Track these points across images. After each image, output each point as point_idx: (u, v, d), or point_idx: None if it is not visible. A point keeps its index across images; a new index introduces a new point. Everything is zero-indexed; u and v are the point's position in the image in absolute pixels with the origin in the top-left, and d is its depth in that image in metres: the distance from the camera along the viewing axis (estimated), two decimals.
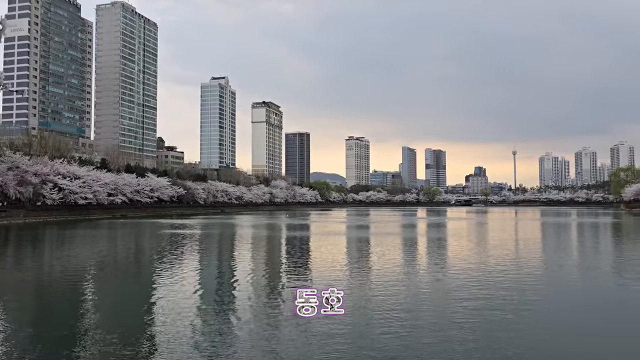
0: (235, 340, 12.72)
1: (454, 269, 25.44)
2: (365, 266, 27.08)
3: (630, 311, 16.65)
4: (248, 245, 41.42)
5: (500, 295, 18.19)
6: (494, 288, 19.63)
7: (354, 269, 26.07)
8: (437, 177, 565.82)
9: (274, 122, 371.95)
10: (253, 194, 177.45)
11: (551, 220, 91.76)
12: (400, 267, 26.48)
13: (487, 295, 18.12)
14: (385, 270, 24.97)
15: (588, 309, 16.94)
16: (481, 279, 21.78)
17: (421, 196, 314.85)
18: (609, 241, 47.46)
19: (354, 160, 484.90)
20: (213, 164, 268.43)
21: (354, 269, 25.81)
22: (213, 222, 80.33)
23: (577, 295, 19.57)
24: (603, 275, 24.11)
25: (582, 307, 17.29)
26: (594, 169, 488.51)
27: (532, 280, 22.05)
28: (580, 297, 19.07)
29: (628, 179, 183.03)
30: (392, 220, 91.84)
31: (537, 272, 24.74)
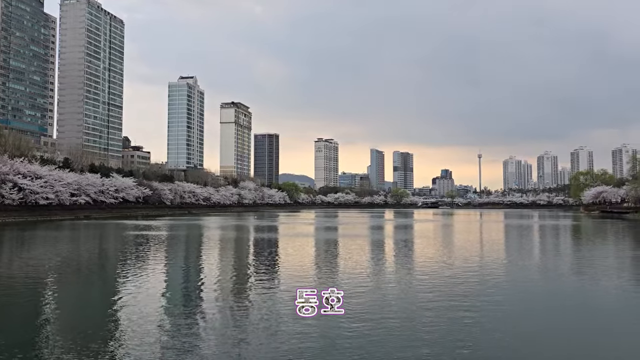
0: (203, 344, 12.62)
1: (419, 271, 25.82)
2: (333, 268, 27.20)
3: (588, 311, 17.22)
4: (215, 247, 41.05)
5: (463, 296, 18.57)
6: (458, 288, 20.03)
7: (321, 270, 26.16)
8: (404, 179, 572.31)
9: (243, 123, 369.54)
10: (221, 195, 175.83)
11: (514, 222, 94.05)
12: (368, 269, 26.69)
13: (450, 296, 18.48)
14: (352, 271, 25.14)
15: (548, 309, 17.43)
16: (446, 280, 22.17)
17: (389, 198, 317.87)
18: (569, 243, 49.00)
19: (323, 162, 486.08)
20: (180, 165, 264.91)
21: (322, 271, 25.91)
22: (180, 223, 79.23)
23: (538, 295, 20.10)
24: (562, 276, 24.86)
25: (542, 308, 17.78)
26: (555, 173, 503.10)
27: (495, 280, 22.56)
28: (540, 298, 19.60)
29: (587, 182, 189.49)
30: (360, 222, 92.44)
31: (500, 273, 25.30)
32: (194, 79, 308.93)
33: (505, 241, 50.25)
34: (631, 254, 36.66)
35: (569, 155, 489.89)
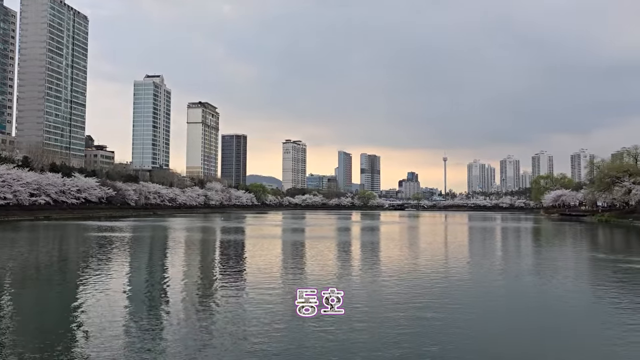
0: (167, 349, 12.47)
1: (385, 273, 26.10)
2: (300, 270, 27.25)
3: (550, 313, 17.76)
4: (181, 250, 40.47)
5: (428, 297, 18.89)
6: (422, 289, 20.36)
7: (288, 272, 26.17)
8: (371, 181, 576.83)
9: (210, 123, 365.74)
10: (187, 196, 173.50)
11: (478, 224, 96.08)
12: (334, 270, 26.85)
13: (416, 297, 18.77)
14: (319, 273, 25.24)
15: (512, 311, 17.91)
16: (411, 282, 22.50)
17: (356, 200, 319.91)
18: (530, 245, 50.39)
19: (291, 164, 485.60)
20: (146, 165, 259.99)
21: (288, 273, 25.92)
22: (144, 224, 77.81)
23: (501, 297, 20.60)
24: (524, 278, 25.55)
25: (505, 309, 18.25)
26: (517, 176, 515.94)
27: (459, 282, 23.06)
28: (503, 300, 20.10)
29: (547, 186, 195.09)
30: (327, 223, 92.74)
31: (465, 274, 25.84)
32: (160, 77, 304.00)
33: (469, 243, 51.31)
34: (588, 255, 37.97)
35: (531, 160, 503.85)
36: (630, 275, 25.61)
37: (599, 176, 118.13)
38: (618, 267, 28.34)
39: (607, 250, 42.32)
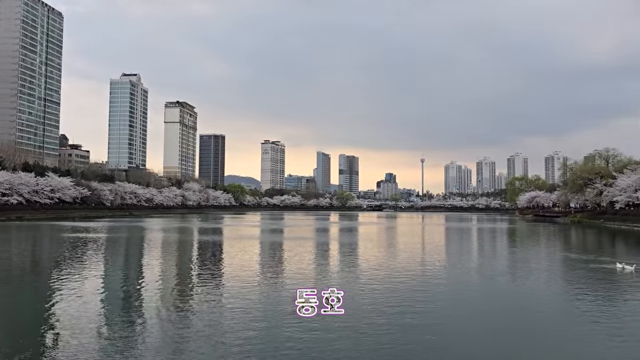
0: (139, 355, 12.35)
1: (363, 273, 26.25)
2: (277, 271, 27.22)
3: (525, 313, 18.10)
4: (157, 251, 40.01)
5: (406, 299, 19.07)
6: (400, 292, 20.55)
7: (266, 274, 26.12)
8: (350, 182, 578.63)
9: (188, 123, 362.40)
10: (164, 196, 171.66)
11: (455, 225, 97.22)
12: (311, 271, 26.89)
13: (393, 299, 18.94)
14: (296, 274, 25.25)
15: (492, 312, 18.18)
16: (388, 284, 22.68)
17: (334, 201, 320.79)
18: (505, 246, 51.18)
19: (270, 164, 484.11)
20: (122, 165, 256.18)
21: (266, 274, 25.87)
22: (120, 225, 76.73)
23: (477, 299, 20.90)
24: (500, 279, 25.98)
25: (485, 310, 18.53)
26: (493, 178, 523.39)
27: (436, 283, 23.33)
28: (480, 300, 20.39)
29: (522, 187, 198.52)
30: (305, 224, 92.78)
31: (442, 275, 26.15)
32: (137, 76, 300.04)
33: (446, 244, 51.88)
34: (561, 255, 38.73)
35: (506, 161, 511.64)
36: (601, 275, 26.23)
37: (572, 178, 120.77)
38: (590, 268, 28.99)
39: (579, 250, 43.24)
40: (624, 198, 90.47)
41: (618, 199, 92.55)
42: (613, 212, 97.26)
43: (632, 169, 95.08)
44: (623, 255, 38.80)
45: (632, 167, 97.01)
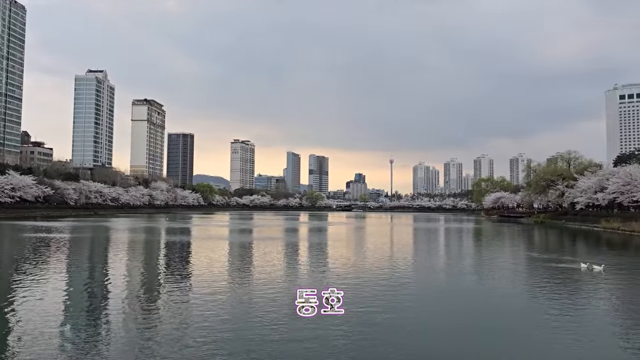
0: (104, 356, 12.17)
1: (330, 273, 26.41)
2: (247, 271, 27.12)
3: (486, 312, 18.54)
4: (122, 251, 39.23)
5: (373, 299, 19.28)
6: (369, 291, 20.76)
7: (233, 274, 26.00)
8: (319, 182, 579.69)
9: (156, 121, 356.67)
10: (131, 195, 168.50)
11: (422, 225, 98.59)
12: (281, 272, 26.89)
13: (361, 299, 19.12)
14: (265, 275, 25.21)
15: (456, 312, 18.53)
16: (357, 282, 22.88)
17: (304, 201, 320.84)
18: (471, 245, 52.24)
19: (239, 164, 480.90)
20: (87, 163, 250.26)
21: (234, 274, 25.75)
22: (84, 225, 75.01)
23: (442, 298, 21.30)
24: (466, 278, 26.54)
25: (445, 310, 18.89)
26: (460, 179, 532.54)
27: (403, 283, 23.64)
28: (445, 300, 20.78)
29: (488, 188, 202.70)
30: (275, 224, 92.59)
31: (408, 275, 26.52)
32: (103, 72, 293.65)
33: (414, 243, 52.58)
34: (525, 255, 39.78)
35: (473, 163, 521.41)
36: (562, 274, 27.05)
37: (535, 179, 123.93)
38: (551, 267, 29.86)
39: (541, 250, 44.45)
40: (584, 199, 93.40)
41: (579, 200, 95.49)
42: (574, 212, 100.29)
43: (592, 171, 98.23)
44: (583, 254, 40.13)
45: (592, 170, 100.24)
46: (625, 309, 18.71)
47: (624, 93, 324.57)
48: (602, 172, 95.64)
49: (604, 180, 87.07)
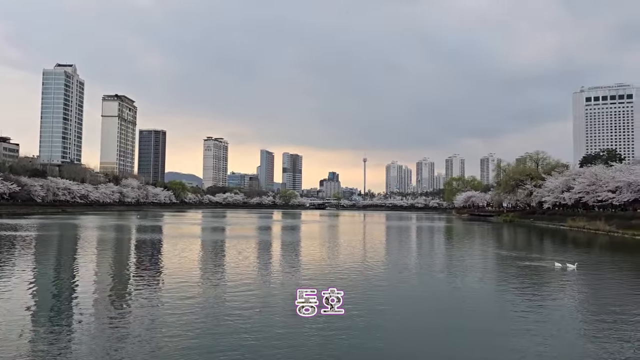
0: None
1: (303, 271, 26.48)
2: (219, 271, 26.96)
3: (457, 311, 18.84)
4: (91, 250, 38.46)
5: (346, 297, 19.36)
6: (340, 289, 20.85)
7: (205, 273, 25.82)
8: (293, 180, 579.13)
9: (127, 118, 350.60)
10: (100, 192, 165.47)
11: (395, 224, 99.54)
12: (254, 270, 26.82)
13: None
14: (238, 272, 25.12)
15: (422, 312, 18.79)
16: (328, 281, 23.00)
17: (277, 199, 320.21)
18: (442, 243, 52.97)
19: (212, 161, 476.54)
20: (55, 159, 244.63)
21: (206, 273, 25.58)
22: (51, 222, 73.30)
23: (413, 296, 21.56)
24: (436, 276, 26.93)
25: (417, 309, 19.15)
26: (432, 178, 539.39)
27: (375, 282, 23.87)
28: (417, 300, 21.04)
29: (459, 187, 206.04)
30: (248, 222, 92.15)
31: (379, 274, 26.75)
32: (73, 67, 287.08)
33: (386, 242, 53.05)
34: (494, 253, 40.58)
35: (444, 162, 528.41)
36: (535, 273, 27.71)
37: (504, 179, 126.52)
38: (519, 265, 30.54)
39: (510, 248, 45.39)
40: (552, 199, 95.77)
41: (546, 200, 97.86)
42: (542, 211, 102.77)
43: (559, 172, 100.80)
44: (550, 252, 41.20)
45: (560, 170, 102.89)
46: (596, 306, 19.29)
47: (590, 95, 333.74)
48: (568, 172, 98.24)
49: (571, 180, 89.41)
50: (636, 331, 14.85)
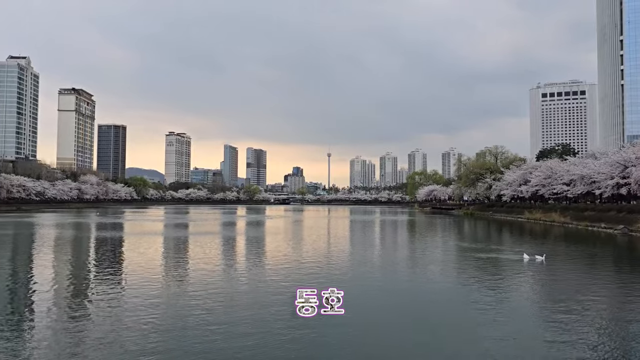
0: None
1: (267, 267, 26.51)
2: (182, 268, 26.66)
3: (420, 304, 19.27)
4: (48, 249, 37.26)
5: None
6: (304, 283, 20.99)
7: (169, 271, 25.51)
8: (257, 176, 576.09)
9: (85, 112, 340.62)
10: (58, 189, 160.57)
11: (359, 218, 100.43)
12: (218, 267, 26.64)
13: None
14: (201, 272, 24.93)
15: (398, 306, 19.12)
16: (294, 276, 23.10)
17: (242, 194, 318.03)
18: (405, 236, 53.80)
19: (174, 157, 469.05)
20: (8, 155, 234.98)
21: (169, 271, 25.28)
22: (5, 220, 70.69)
23: (380, 292, 21.86)
24: (399, 269, 27.39)
25: (380, 303, 19.46)
26: (395, 172, 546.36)
27: (339, 277, 24.10)
28: (382, 294, 21.37)
29: (421, 181, 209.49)
30: (212, 218, 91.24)
31: (343, 268, 26.99)
32: (26, 59, 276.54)
33: (350, 236, 53.49)
34: (454, 245, 41.55)
35: (407, 157, 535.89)
36: (487, 264, 28.55)
37: (465, 173, 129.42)
38: (479, 257, 31.39)
39: (470, 241, 46.52)
40: (510, 192, 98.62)
41: (505, 193, 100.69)
42: (500, 204, 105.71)
43: (517, 165, 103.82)
44: (510, 244, 42.51)
45: (517, 164, 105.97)
46: (563, 295, 20.06)
47: (546, 91, 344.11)
48: (526, 166, 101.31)
49: (528, 174, 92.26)
50: (600, 318, 15.59)
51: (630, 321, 15.60)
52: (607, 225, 55.99)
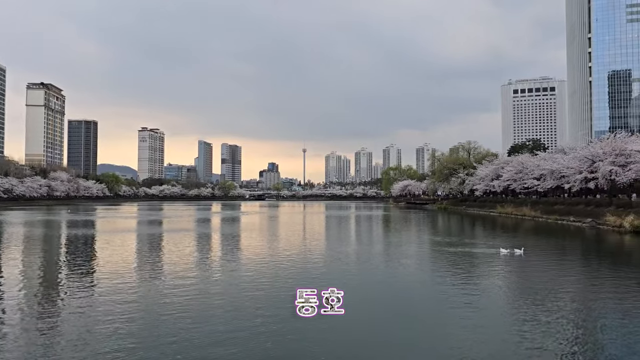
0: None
1: (243, 264, 26.39)
2: (157, 265, 26.34)
3: (399, 299, 19.45)
4: (16, 248, 36.29)
5: (287, 290, 19.53)
6: (280, 280, 21.00)
7: (143, 269, 25.16)
8: (232, 171, 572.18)
9: (55, 107, 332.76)
10: (26, 186, 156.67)
11: (334, 213, 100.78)
12: (193, 264, 26.38)
13: (273, 287, 19.34)
14: (177, 268, 24.68)
15: (366, 300, 19.24)
16: (270, 272, 23.05)
17: (216, 190, 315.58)
18: (380, 231, 54.19)
19: (148, 153, 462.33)
20: None
21: (144, 270, 24.93)
22: None
23: (355, 285, 21.98)
24: (375, 264, 27.56)
25: (361, 299, 19.55)
26: (370, 168, 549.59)
27: (318, 273, 24.15)
28: (358, 288, 21.49)
29: (396, 177, 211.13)
30: (186, 215, 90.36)
31: (320, 263, 27.08)
32: None
33: (326, 232, 53.59)
34: (428, 239, 42.07)
35: (382, 152, 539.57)
36: (461, 258, 28.98)
37: (439, 168, 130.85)
38: (452, 251, 31.84)
39: (444, 235, 47.15)
40: (482, 186, 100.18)
41: (477, 187, 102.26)
42: (473, 199, 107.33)
43: (489, 160, 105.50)
44: (483, 237, 43.24)
45: (490, 159, 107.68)
46: (538, 286, 20.51)
47: (517, 88, 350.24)
48: (497, 161, 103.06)
49: (500, 169, 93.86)
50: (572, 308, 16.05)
51: (600, 311, 16.07)
52: (576, 218, 57.42)
